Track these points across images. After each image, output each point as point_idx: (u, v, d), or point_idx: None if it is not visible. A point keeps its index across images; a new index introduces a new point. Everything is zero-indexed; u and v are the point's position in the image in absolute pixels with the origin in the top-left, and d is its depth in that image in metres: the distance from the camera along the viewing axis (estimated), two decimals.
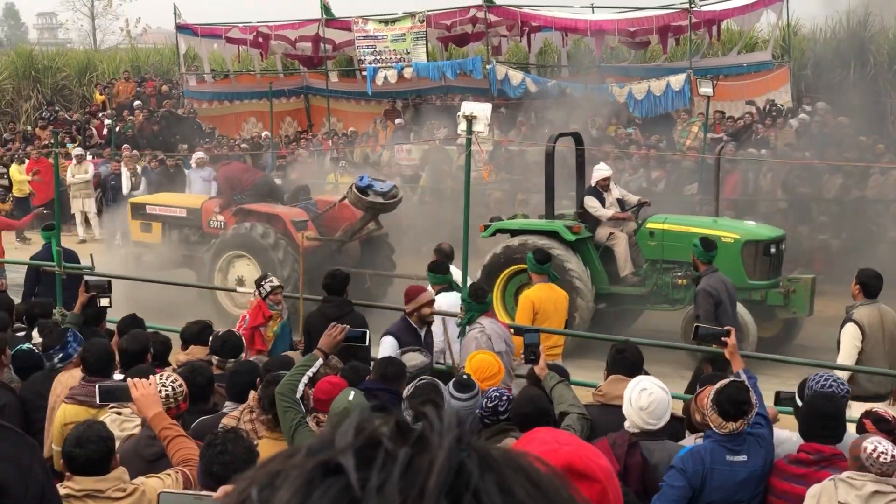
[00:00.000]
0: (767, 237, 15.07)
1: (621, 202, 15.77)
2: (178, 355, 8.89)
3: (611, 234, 15.48)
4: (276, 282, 11.03)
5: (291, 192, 18.45)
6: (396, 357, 7.98)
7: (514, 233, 15.66)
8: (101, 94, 33.35)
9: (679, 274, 15.18)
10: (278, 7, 37.15)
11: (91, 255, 13.63)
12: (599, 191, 15.58)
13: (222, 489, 4.30)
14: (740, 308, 13.89)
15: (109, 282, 9.85)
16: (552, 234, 15.21)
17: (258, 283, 11.04)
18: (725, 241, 14.57)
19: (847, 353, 9.90)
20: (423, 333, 9.76)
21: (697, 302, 11.89)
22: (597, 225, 15.55)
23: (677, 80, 23.79)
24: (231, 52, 31.45)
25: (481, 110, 11.37)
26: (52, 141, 15.75)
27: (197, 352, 8.64)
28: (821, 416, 6.17)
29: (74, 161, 24.96)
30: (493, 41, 27.34)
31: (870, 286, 10.05)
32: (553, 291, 11.76)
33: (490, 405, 6.77)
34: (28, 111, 36.41)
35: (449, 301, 10.80)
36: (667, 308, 15.41)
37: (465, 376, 7.23)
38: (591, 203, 15.49)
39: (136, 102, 30.81)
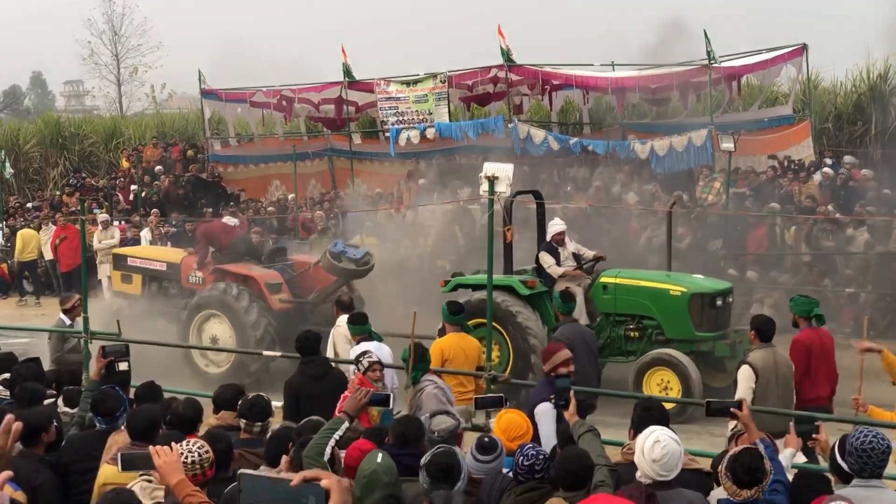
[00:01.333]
0: (714, 290, 15.59)
1: (577, 256, 16.28)
2: (208, 419, 8.93)
3: (566, 287, 15.59)
4: (374, 357, 10.65)
5: (268, 253, 19.00)
6: (415, 417, 7.97)
7: (474, 288, 16.07)
8: (127, 160, 33.69)
9: (632, 326, 15.80)
10: (301, 70, 37.51)
11: (118, 321, 13.76)
12: (555, 246, 16.10)
13: (300, 474, 4.33)
14: (683, 358, 14.78)
15: (127, 346, 9.90)
16: (508, 289, 15.66)
17: (357, 360, 10.69)
18: (673, 294, 15.44)
19: (742, 393, 10.47)
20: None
21: None
22: (554, 279, 15.96)
23: (699, 136, 23.85)
24: (255, 116, 31.77)
25: (503, 170, 11.49)
26: (79, 207, 15.97)
27: (227, 417, 8.65)
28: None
29: (101, 227, 25.15)
30: (514, 100, 27.51)
31: (764, 331, 10.85)
32: (463, 340, 12.22)
33: (527, 463, 6.71)
34: (55, 178, 36.86)
35: (372, 349, 11.39)
36: (621, 360, 15.87)
37: (486, 439, 7.23)
38: (544, 259, 16.00)
39: (158, 168, 31.12)
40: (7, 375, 9.88)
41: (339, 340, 13.39)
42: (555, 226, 16.22)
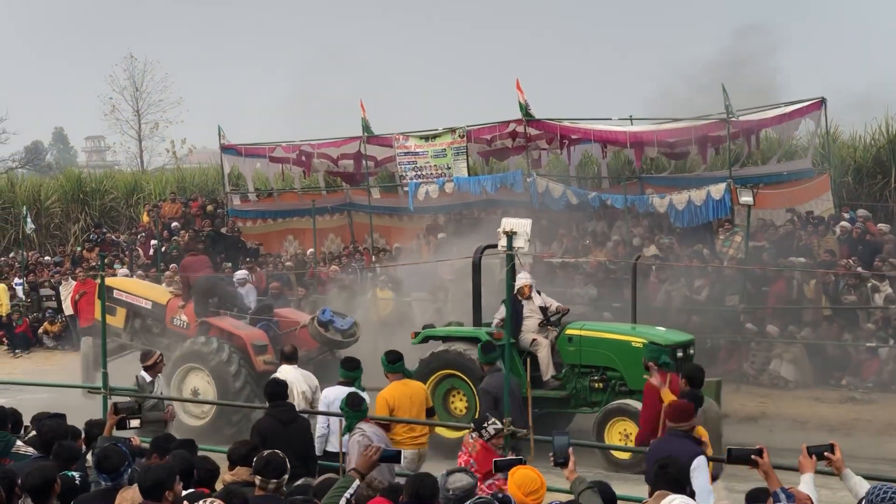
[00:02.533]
0: (674, 342, 15.96)
1: (544, 309, 16.77)
2: (224, 476, 8.88)
3: (533, 339, 16.44)
4: (498, 424, 10.60)
5: (256, 309, 19.42)
6: (429, 475, 7.90)
7: (444, 339, 16.71)
8: (147, 216, 33.86)
9: (596, 377, 16.23)
10: (320, 126, 37.76)
11: (136, 376, 13.77)
12: (520, 299, 16.51)
13: None
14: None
15: (140, 404, 9.96)
16: (475, 341, 15.90)
17: (479, 426, 10.55)
18: (635, 346, 15.72)
19: None
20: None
21: (480, 399, 13.33)
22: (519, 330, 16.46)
23: (717, 190, 23.81)
24: (274, 171, 31.90)
25: (521, 226, 11.46)
26: (99, 263, 16.03)
27: (242, 473, 8.58)
28: None
29: None
30: (533, 154, 27.53)
31: (694, 378, 11.39)
32: (407, 387, 12.71)
33: None
34: (76, 233, 37.02)
35: (337, 392, 12.33)
36: (587, 410, 16.26)
37: (500, 495, 7.18)
38: (499, 313, 16.35)
39: (174, 224, 31.25)
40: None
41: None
42: (520, 279, 16.41)
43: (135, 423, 9.62)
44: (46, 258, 33.70)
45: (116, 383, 14.36)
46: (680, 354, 15.66)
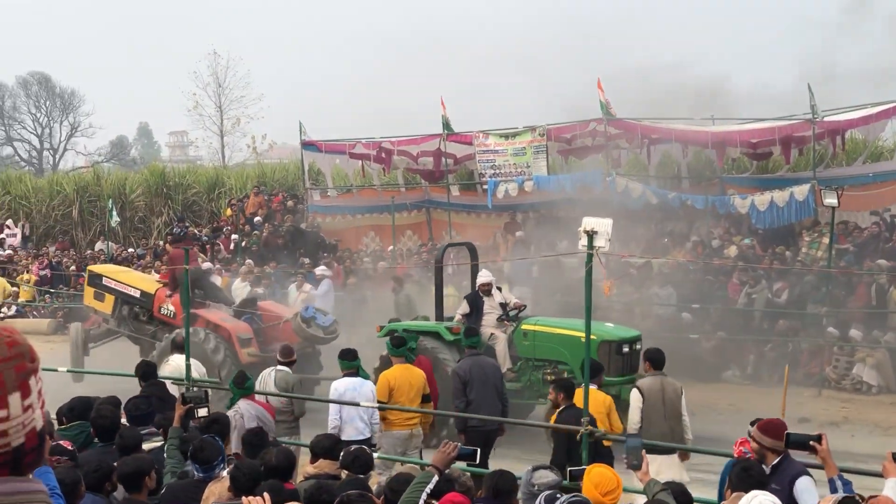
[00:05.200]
0: (621, 338, 16.70)
1: (504, 305, 17.35)
2: (306, 467, 8.94)
3: (492, 334, 17.11)
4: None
5: (241, 302, 20.43)
6: (508, 471, 7.89)
7: (406, 332, 17.04)
8: (230, 209, 34.23)
9: (548, 370, 16.92)
10: (400, 123, 37.89)
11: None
12: (480, 295, 17.32)
13: None
14: None
15: (207, 392, 10.07)
16: (435, 335, 17.20)
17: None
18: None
19: (633, 412, 12.42)
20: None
21: (452, 382, 14.19)
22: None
23: (801, 191, 23.49)
24: (354, 167, 32.11)
25: (602, 225, 11.37)
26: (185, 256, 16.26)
27: (325, 465, 8.63)
28: None
29: None
30: (612, 153, 27.37)
31: (655, 361, 12.67)
32: (408, 371, 13.74)
33: None
34: (159, 227, 37.54)
35: (346, 384, 13.13)
36: (542, 402, 16.59)
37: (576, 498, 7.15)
38: (461, 308, 17.40)
39: (257, 219, 31.56)
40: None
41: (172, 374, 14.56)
42: (481, 277, 17.46)
43: (202, 412, 9.71)
44: (130, 250, 34.26)
45: (105, 368, 15.18)
46: (626, 349, 16.45)
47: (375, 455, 10.75)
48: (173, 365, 14.90)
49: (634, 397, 12.49)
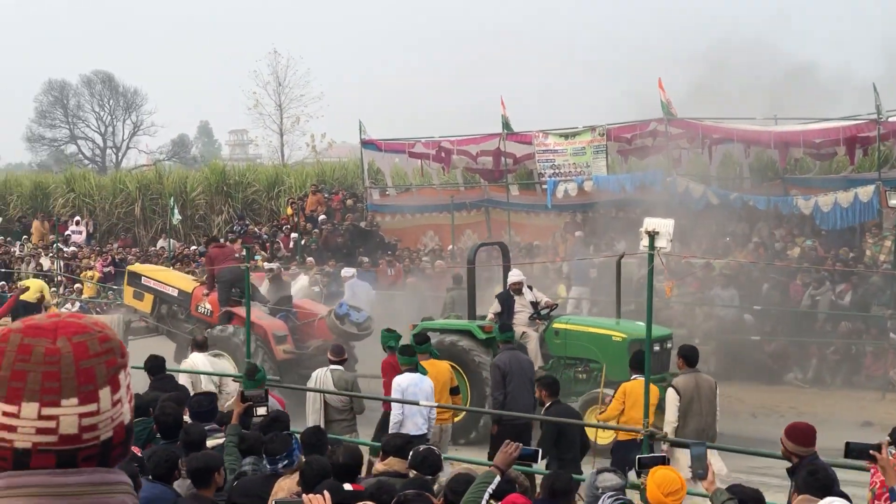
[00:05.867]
0: (652, 336, 15.93)
1: (535, 304, 17.60)
2: (376, 464, 9.00)
3: (524, 332, 17.25)
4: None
5: (277, 301, 20.49)
6: (565, 472, 7.89)
7: (441, 331, 17.63)
8: (290, 208, 34.41)
9: (579, 369, 17.26)
10: (459, 122, 37.93)
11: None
12: (511, 294, 17.56)
13: None
14: None
15: (266, 391, 10.10)
16: (468, 333, 17.38)
17: None
18: (615, 340, 16.86)
19: (670, 411, 12.64)
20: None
21: (491, 374, 14.49)
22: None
23: (865, 192, 23.19)
24: (413, 166, 32.16)
25: (664, 226, 11.31)
26: (244, 254, 16.43)
27: (395, 464, 8.67)
28: None
29: (267, 277, 24.39)
30: (673, 154, 27.17)
31: (689, 358, 12.96)
32: (433, 366, 14.06)
33: None
34: (220, 224, 37.81)
35: (408, 379, 13.27)
36: (573, 399, 16.46)
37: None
38: (493, 307, 17.51)
39: (322, 217, 31.67)
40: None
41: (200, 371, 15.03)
42: (512, 276, 17.75)
43: (261, 410, 9.75)
44: (192, 248, 34.57)
45: (133, 362, 14.67)
46: (657, 348, 16.11)
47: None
48: (191, 363, 15.25)
49: (671, 396, 12.72)
